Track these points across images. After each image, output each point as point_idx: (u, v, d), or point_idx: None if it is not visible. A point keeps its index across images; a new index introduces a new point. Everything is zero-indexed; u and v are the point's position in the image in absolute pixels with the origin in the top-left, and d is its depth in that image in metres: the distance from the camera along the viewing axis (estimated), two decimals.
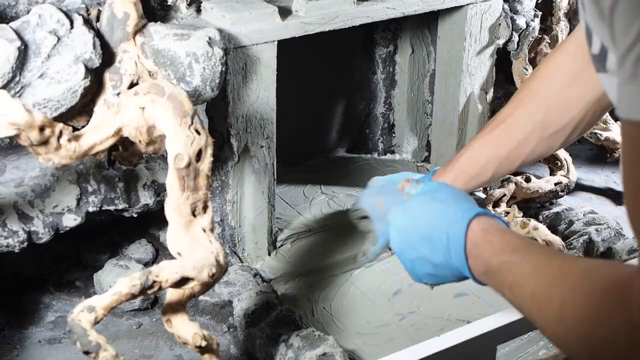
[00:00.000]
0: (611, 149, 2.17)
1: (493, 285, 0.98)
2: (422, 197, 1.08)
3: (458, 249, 0.99)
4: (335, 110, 2.13)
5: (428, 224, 1.04)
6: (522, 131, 1.44)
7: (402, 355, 1.12)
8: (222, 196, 1.71)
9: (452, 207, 1.04)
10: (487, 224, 1.00)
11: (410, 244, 1.06)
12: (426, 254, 1.04)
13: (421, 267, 1.06)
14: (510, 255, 0.94)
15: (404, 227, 1.07)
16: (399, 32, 2.07)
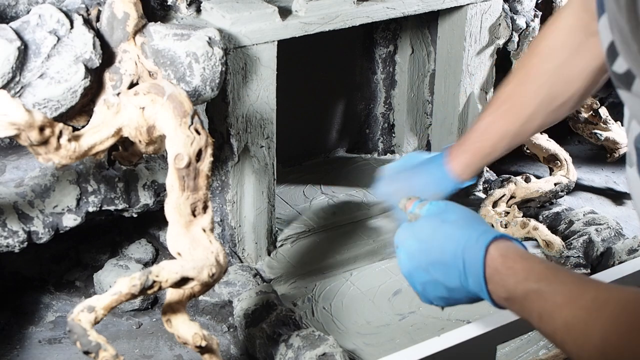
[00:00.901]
0: (611, 149, 2.17)
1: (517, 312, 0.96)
2: (431, 219, 1.06)
3: (476, 274, 0.98)
4: (335, 110, 2.13)
5: (441, 248, 1.02)
6: (529, 107, 1.47)
7: (402, 355, 1.12)
8: (222, 196, 1.71)
9: (465, 230, 1.02)
10: (506, 249, 0.98)
11: (422, 268, 1.04)
12: (439, 278, 1.02)
13: (433, 291, 1.05)
14: (537, 284, 0.93)
15: (414, 251, 1.05)
16: (399, 32, 2.07)
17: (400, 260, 1.07)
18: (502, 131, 1.51)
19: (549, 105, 1.48)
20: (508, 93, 1.50)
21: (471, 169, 1.55)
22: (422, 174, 1.60)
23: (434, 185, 1.58)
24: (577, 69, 1.45)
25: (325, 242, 1.84)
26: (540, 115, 1.49)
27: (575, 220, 1.91)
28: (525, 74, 1.49)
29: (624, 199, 2.22)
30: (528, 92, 1.48)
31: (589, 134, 2.19)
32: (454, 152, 1.55)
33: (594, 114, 2.19)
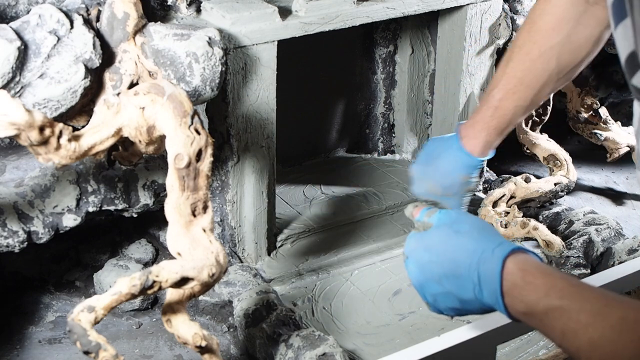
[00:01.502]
0: (611, 149, 2.18)
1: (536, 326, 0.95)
2: (443, 230, 1.05)
3: (492, 287, 0.97)
4: (335, 110, 2.13)
5: (454, 260, 1.01)
6: (539, 80, 1.52)
7: (402, 355, 1.12)
8: (222, 196, 1.71)
9: (479, 242, 1.01)
10: (525, 263, 0.96)
11: (434, 280, 1.03)
12: (452, 290, 1.01)
13: (445, 302, 1.04)
14: (559, 301, 0.92)
15: (425, 262, 1.04)
16: (399, 32, 2.07)
17: (411, 272, 1.06)
18: (515, 106, 1.54)
19: (559, 74, 1.53)
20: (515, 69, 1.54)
21: (491, 145, 1.60)
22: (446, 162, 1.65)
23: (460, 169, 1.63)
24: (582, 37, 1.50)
25: (325, 242, 1.84)
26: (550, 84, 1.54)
27: (575, 220, 1.91)
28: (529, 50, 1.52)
29: (624, 199, 2.22)
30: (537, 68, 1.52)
31: (589, 134, 2.19)
32: (470, 133, 1.59)
33: (594, 114, 2.19)
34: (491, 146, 1.62)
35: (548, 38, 1.51)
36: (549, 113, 2.05)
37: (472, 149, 1.61)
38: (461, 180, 1.66)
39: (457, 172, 1.65)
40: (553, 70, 1.54)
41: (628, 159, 2.21)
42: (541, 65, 1.53)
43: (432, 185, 1.68)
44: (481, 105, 1.61)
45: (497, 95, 1.56)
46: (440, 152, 1.66)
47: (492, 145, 1.62)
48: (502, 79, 1.57)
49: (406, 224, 1.91)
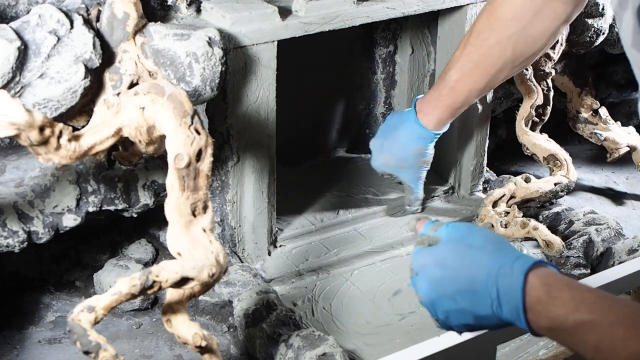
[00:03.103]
0: (611, 149, 2.17)
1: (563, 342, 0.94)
2: (455, 244, 1.01)
3: (513, 303, 0.94)
4: (335, 110, 2.13)
5: (470, 275, 0.98)
6: (494, 66, 1.64)
7: (402, 355, 1.12)
8: (222, 196, 1.71)
9: (496, 256, 0.98)
10: (548, 277, 0.95)
11: (447, 296, 1.00)
12: (467, 306, 0.98)
13: (458, 319, 1.01)
14: (590, 315, 0.90)
15: (438, 278, 1.01)
16: (399, 32, 2.07)
17: (421, 289, 1.03)
18: (469, 88, 1.66)
19: (513, 62, 1.64)
20: (471, 54, 1.64)
21: (444, 121, 1.74)
22: (402, 134, 1.77)
23: (415, 141, 1.76)
24: (538, 30, 1.59)
25: (325, 242, 1.84)
26: (505, 71, 1.66)
27: (575, 220, 1.91)
28: (486, 37, 1.61)
29: (624, 199, 2.22)
30: (493, 54, 1.62)
31: (589, 134, 2.19)
32: (425, 108, 1.72)
33: (594, 114, 2.19)
34: (444, 122, 1.74)
35: (506, 27, 1.60)
36: (549, 113, 2.05)
37: (427, 123, 1.72)
38: (415, 152, 1.77)
39: (412, 144, 1.76)
40: (508, 59, 1.63)
41: (628, 159, 2.21)
42: (497, 53, 1.62)
43: (389, 158, 1.81)
44: (438, 83, 1.72)
45: (453, 75, 1.66)
46: (397, 126, 1.81)
47: (445, 122, 1.74)
48: (459, 60, 1.66)
49: (406, 224, 1.91)
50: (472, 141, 1.99)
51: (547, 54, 1.99)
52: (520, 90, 2.01)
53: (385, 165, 1.84)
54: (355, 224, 1.90)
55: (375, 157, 1.83)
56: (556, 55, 2.01)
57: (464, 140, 1.99)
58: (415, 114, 1.74)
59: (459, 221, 1.93)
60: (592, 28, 2.02)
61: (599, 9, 2.01)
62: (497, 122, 2.25)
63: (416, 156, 1.79)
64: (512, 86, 2.05)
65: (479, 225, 1.89)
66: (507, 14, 1.59)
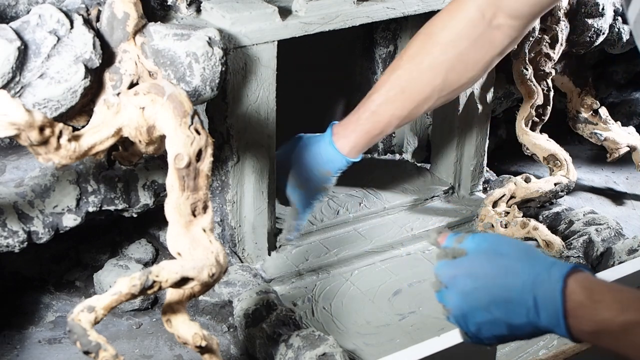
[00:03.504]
0: (611, 149, 2.18)
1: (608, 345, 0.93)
2: (485, 255, 1.01)
3: (553, 309, 0.94)
4: (335, 110, 2.13)
5: (504, 285, 0.97)
6: (421, 93, 1.56)
7: (402, 355, 1.12)
8: (222, 196, 1.71)
9: (529, 264, 0.97)
10: (588, 281, 0.94)
11: (481, 307, 0.99)
12: (501, 317, 0.98)
13: (491, 330, 1.00)
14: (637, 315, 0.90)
15: (470, 290, 0.99)
16: (399, 32, 2.07)
17: (451, 301, 1.02)
18: (391, 114, 1.56)
19: (441, 92, 1.57)
20: (401, 78, 1.56)
21: (359, 148, 1.62)
22: (313, 153, 1.65)
23: (324, 163, 1.64)
24: (473, 59, 1.55)
25: (325, 242, 1.84)
26: (431, 100, 1.57)
27: (575, 220, 1.91)
28: (420, 61, 1.55)
29: (624, 199, 2.22)
30: (422, 80, 1.55)
31: (589, 134, 2.19)
32: (342, 131, 1.61)
33: (594, 114, 2.19)
34: (359, 149, 1.62)
35: (442, 51, 1.54)
36: (548, 113, 2.05)
37: (341, 146, 1.61)
38: (321, 175, 1.65)
39: (320, 166, 1.64)
40: (437, 87, 1.55)
41: (628, 159, 2.21)
42: (428, 79, 1.55)
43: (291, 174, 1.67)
44: (359, 106, 1.62)
45: (377, 99, 1.57)
46: (309, 144, 1.66)
47: (360, 149, 1.62)
48: (385, 84, 1.58)
49: (405, 224, 1.91)
50: (472, 141, 1.99)
51: (547, 54, 1.99)
52: (520, 90, 2.01)
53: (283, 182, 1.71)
54: (355, 224, 1.90)
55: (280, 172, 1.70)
56: (556, 55, 2.01)
57: (464, 140, 1.99)
58: (330, 135, 1.63)
59: (458, 221, 1.94)
60: (592, 28, 2.02)
61: (599, 9, 2.01)
62: (497, 122, 2.25)
63: (320, 180, 1.66)
64: (512, 86, 2.05)
65: (479, 225, 1.89)
66: (445, 37, 1.54)
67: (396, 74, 1.57)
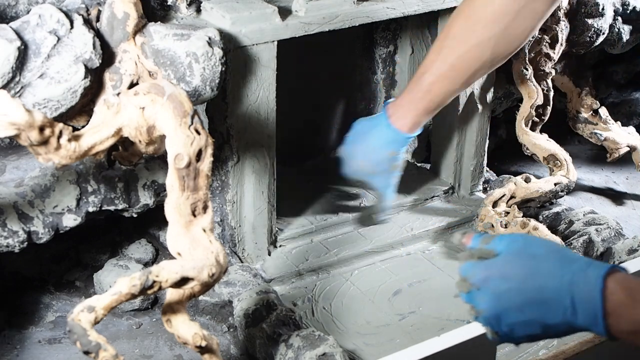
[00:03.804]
0: (611, 149, 2.18)
1: None
2: (518, 256, 1.01)
3: (591, 309, 0.94)
4: (335, 110, 2.13)
5: (539, 286, 0.97)
6: (470, 68, 1.64)
7: (402, 355, 1.12)
8: (222, 196, 1.71)
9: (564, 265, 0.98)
10: (627, 281, 0.95)
11: (515, 308, 0.99)
12: (536, 317, 0.98)
13: (524, 330, 1.00)
14: None
15: (503, 291, 0.99)
16: (399, 32, 2.07)
17: (483, 303, 1.01)
18: (445, 90, 1.65)
19: (492, 62, 1.65)
20: (449, 56, 1.63)
21: (418, 124, 1.70)
22: (374, 139, 1.73)
23: (388, 145, 1.72)
24: (519, 30, 1.60)
25: (325, 242, 1.84)
26: (482, 71, 1.67)
27: (575, 220, 1.91)
28: (466, 40, 1.61)
29: (624, 199, 2.22)
30: (471, 57, 1.62)
31: (589, 134, 2.19)
32: (398, 112, 1.69)
33: (594, 114, 2.19)
34: (419, 125, 1.71)
35: (487, 29, 1.60)
36: (548, 113, 2.05)
37: (401, 126, 1.69)
38: (388, 156, 1.74)
39: (385, 149, 1.73)
40: (487, 60, 1.63)
41: (628, 159, 2.21)
42: (476, 54, 1.61)
43: (361, 163, 1.77)
44: (411, 87, 1.70)
45: (428, 79, 1.65)
46: (368, 130, 1.75)
47: (420, 124, 1.71)
48: (434, 64, 1.65)
49: (405, 224, 1.91)
50: (472, 141, 1.99)
51: (547, 54, 1.99)
52: (520, 90, 2.01)
53: (357, 172, 1.78)
54: (356, 224, 1.90)
55: (346, 164, 1.78)
56: (556, 55, 2.01)
57: (464, 140, 1.99)
58: (386, 118, 1.70)
59: (458, 221, 1.94)
60: (592, 28, 2.02)
61: (599, 9, 2.01)
62: (497, 122, 2.25)
63: (388, 161, 1.74)
64: (512, 86, 2.05)
65: (479, 225, 1.89)
66: (489, 15, 1.58)
67: (443, 53, 1.63)
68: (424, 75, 1.65)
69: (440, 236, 1.91)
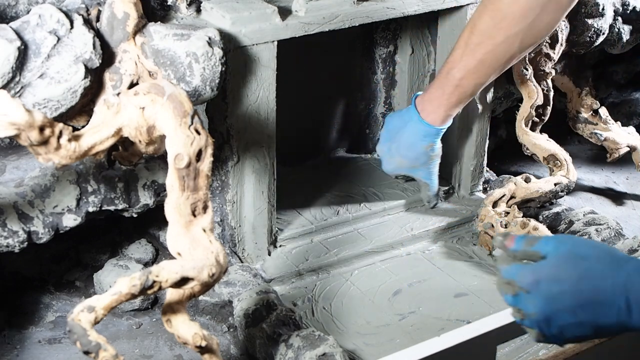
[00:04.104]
0: (611, 149, 2.17)
1: None
2: (567, 258, 1.01)
3: None
4: (335, 110, 2.13)
5: (593, 287, 0.97)
6: (499, 61, 1.69)
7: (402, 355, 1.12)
8: (222, 196, 1.71)
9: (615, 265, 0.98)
10: None
11: (567, 310, 0.99)
12: (588, 319, 0.98)
13: (575, 332, 1.00)
14: None
15: (555, 294, 0.99)
16: (399, 32, 2.07)
17: (534, 306, 1.01)
18: (475, 83, 1.71)
19: (520, 54, 1.70)
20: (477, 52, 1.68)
21: (451, 116, 1.78)
22: (408, 135, 1.80)
23: (423, 139, 1.79)
24: (545, 23, 1.65)
25: (325, 242, 1.84)
26: (511, 62, 1.72)
27: (575, 220, 1.91)
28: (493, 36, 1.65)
29: (624, 199, 2.22)
30: (499, 51, 1.67)
31: (589, 134, 2.19)
32: (429, 107, 1.75)
33: (594, 114, 2.19)
34: (451, 117, 1.78)
35: (514, 25, 1.65)
36: (548, 113, 2.05)
37: (432, 120, 1.76)
38: (425, 149, 1.81)
39: (420, 143, 1.80)
40: (514, 53, 1.68)
41: (628, 159, 2.21)
42: (504, 49, 1.67)
43: (400, 160, 1.85)
44: (440, 81, 1.76)
45: (457, 74, 1.70)
46: (400, 128, 1.83)
47: (452, 116, 1.78)
48: (462, 59, 1.70)
49: (405, 224, 1.91)
50: (472, 141, 1.99)
51: (547, 54, 1.99)
52: (520, 90, 2.00)
53: (398, 168, 1.88)
54: (355, 224, 1.90)
55: (386, 161, 1.87)
56: (556, 55, 2.01)
57: (464, 140, 1.99)
58: (417, 113, 1.76)
59: (458, 221, 1.94)
60: (592, 28, 2.02)
61: (599, 9, 2.01)
62: (497, 122, 2.25)
63: (426, 153, 1.83)
64: (512, 86, 2.05)
65: (479, 225, 1.89)
66: (516, 12, 1.63)
67: (470, 49, 1.68)
68: (452, 70, 1.70)
69: (440, 236, 1.91)
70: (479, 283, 1.75)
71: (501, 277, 1.04)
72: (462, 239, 1.91)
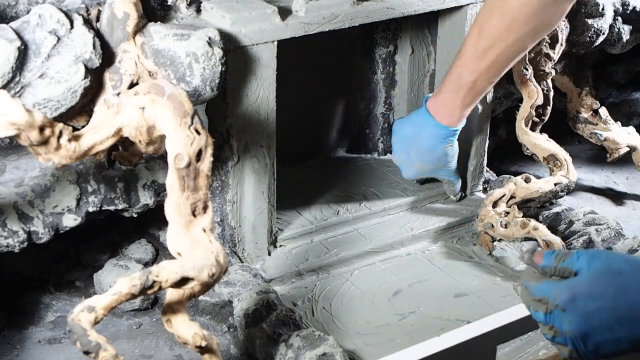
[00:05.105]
0: (611, 149, 2.17)
1: None
2: (602, 274, 0.99)
3: None
4: (335, 110, 2.13)
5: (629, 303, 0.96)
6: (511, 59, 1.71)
7: (402, 355, 1.12)
8: (222, 196, 1.71)
9: None
10: None
11: (603, 327, 0.97)
12: (626, 334, 0.97)
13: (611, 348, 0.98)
14: None
15: (591, 311, 0.98)
16: (399, 32, 2.07)
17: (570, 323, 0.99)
18: (488, 82, 1.74)
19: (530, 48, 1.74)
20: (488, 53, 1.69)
21: (466, 116, 1.80)
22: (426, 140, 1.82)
23: (442, 142, 1.82)
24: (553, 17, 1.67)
25: (325, 242, 1.84)
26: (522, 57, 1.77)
27: (575, 221, 1.91)
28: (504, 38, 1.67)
29: (624, 199, 2.22)
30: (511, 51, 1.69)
31: (589, 134, 2.19)
32: (443, 111, 1.77)
33: (594, 114, 2.19)
34: (466, 116, 1.80)
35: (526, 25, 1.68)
36: (548, 113, 2.05)
37: (449, 122, 1.78)
38: (445, 151, 1.83)
39: (440, 146, 1.82)
40: (527, 48, 1.71)
41: (628, 159, 2.21)
42: (515, 49, 1.69)
43: (422, 165, 1.87)
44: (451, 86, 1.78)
45: (470, 77, 1.71)
46: (416, 134, 1.83)
47: (466, 116, 1.81)
48: (473, 62, 1.72)
49: (405, 224, 1.91)
50: (472, 141, 1.99)
51: (547, 54, 1.99)
52: (520, 90, 2.00)
53: (419, 173, 1.90)
54: (355, 224, 1.90)
55: (406, 168, 1.88)
56: (556, 55, 2.01)
57: (464, 140, 1.99)
58: (431, 117, 1.78)
59: (458, 221, 1.94)
60: (592, 28, 2.02)
61: (599, 9, 2.01)
62: (497, 122, 2.25)
63: (447, 154, 1.85)
64: (512, 86, 2.05)
65: (479, 225, 1.89)
66: (526, 14, 1.64)
67: (480, 52, 1.70)
68: (463, 73, 1.72)
69: (440, 236, 1.91)
70: (479, 283, 1.76)
71: (530, 295, 1.03)
72: (462, 239, 1.91)
